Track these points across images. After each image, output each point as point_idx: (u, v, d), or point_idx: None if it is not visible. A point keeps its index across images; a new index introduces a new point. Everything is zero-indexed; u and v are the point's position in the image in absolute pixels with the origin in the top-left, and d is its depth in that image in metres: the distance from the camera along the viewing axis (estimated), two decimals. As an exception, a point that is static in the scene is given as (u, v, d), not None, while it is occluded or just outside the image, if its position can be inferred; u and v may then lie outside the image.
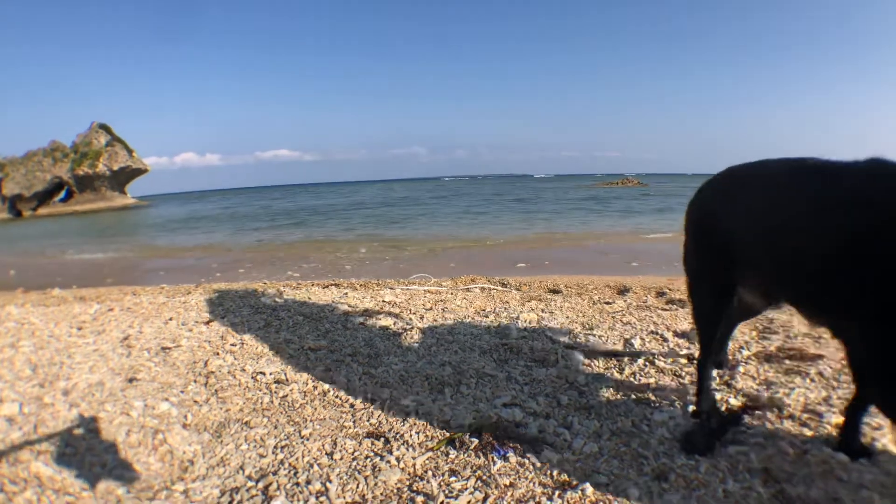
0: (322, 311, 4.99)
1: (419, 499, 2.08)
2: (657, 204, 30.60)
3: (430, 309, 5.22)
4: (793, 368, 3.39)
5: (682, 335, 4.23)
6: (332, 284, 6.80)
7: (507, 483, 2.20)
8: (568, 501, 2.08)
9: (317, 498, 2.09)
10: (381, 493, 2.12)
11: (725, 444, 2.55)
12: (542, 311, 5.21)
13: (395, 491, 2.14)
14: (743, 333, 4.05)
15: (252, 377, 3.39)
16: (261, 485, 2.20)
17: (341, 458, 2.39)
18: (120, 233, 24.01)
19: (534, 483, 2.22)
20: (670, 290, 6.20)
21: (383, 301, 5.52)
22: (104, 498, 2.21)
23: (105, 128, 70.30)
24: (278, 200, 44.72)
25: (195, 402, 3.09)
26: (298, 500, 2.08)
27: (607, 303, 5.72)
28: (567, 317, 4.99)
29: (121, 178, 68.26)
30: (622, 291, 6.54)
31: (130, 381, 3.40)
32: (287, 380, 3.34)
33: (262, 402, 3.06)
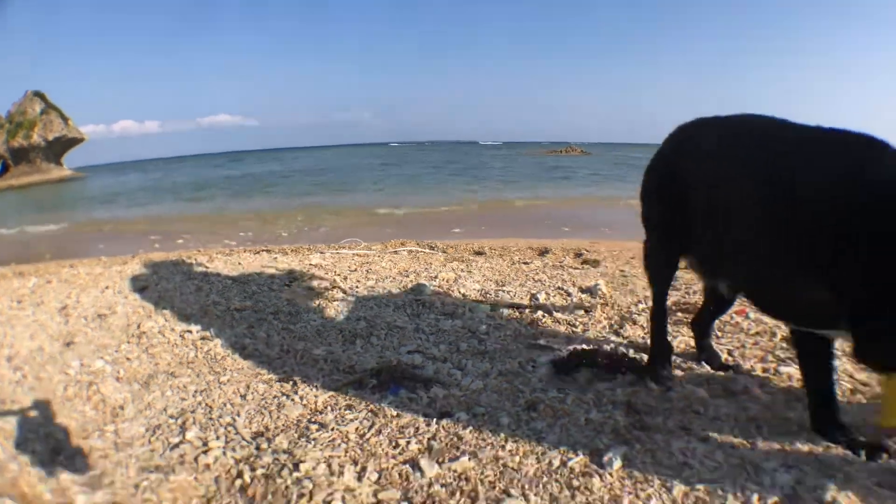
0: (251, 274, 5.20)
1: (313, 427, 2.38)
2: (598, 171, 30.97)
3: (355, 270, 5.47)
4: (682, 320, 3.66)
5: (586, 290, 4.57)
6: (263, 250, 6.98)
7: (395, 413, 2.50)
8: (443, 427, 2.37)
9: (225, 428, 2.38)
10: (283, 424, 2.42)
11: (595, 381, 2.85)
12: (462, 270, 5.52)
13: (295, 422, 2.43)
14: (644, 289, 4.35)
15: (180, 335, 3.63)
16: (179, 421, 2.48)
17: (252, 399, 2.68)
18: (58, 207, 23.32)
19: (418, 413, 2.52)
20: (587, 251, 6.55)
21: (310, 264, 5.75)
22: (46, 441, 2.47)
23: (40, 95, 67.14)
24: (219, 168, 43.46)
25: (127, 359, 3.33)
26: (209, 430, 2.37)
27: (525, 263, 6.06)
28: (483, 275, 5.31)
29: (56, 149, 65.23)
30: (543, 253, 6.88)
31: (68, 345, 3.62)
32: (212, 336, 3.59)
33: (187, 357, 3.32)
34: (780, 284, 2.36)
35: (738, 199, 2.40)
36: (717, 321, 3.52)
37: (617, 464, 2.08)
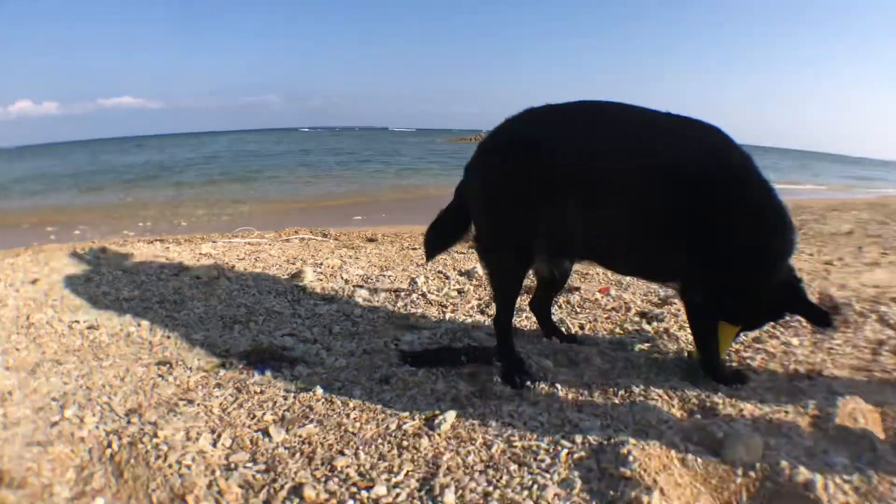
0: (141, 264, 5.29)
1: (182, 403, 2.62)
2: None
3: (243, 259, 5.64)
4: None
5: (465, 273, 4.90)
6: (156, 240, 7.01)
7: (258, 390, 2.76)
8: (300, 400, 2.64)
9: (101, 407, 2.59)
10: (155, 402, 2.64)
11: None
12: (349, 257, 5.78)
13: (166, 400, 2.66)
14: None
15: (68, 326, 3.75)
16: (60, 402, 2.65)
17: (130, 381, 2.88)
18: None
19: (279, 389, 2.78)
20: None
21: (200, 254, 5.87)
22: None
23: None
24: (121, 154, 41.31)
25: (16, 349, 3.43)
26: (87, 409, 2.57)
27: (414, 249, 6.33)
28: (369, 261, 5.59)
29: (-49, 134, 62.10)
30: (434, 239, 7.18)
31: (-41, 339, 3.73)
32: (98, 325, 3.72)
33: (73, 345, 3.45)
34: (641, 251, 2.80)
35: (602, 180, 2.64)
36: (580, 301, 3.93)
37: (445, 426, 2.36)
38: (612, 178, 2.63)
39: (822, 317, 2.66)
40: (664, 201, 2.58)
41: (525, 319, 3.81)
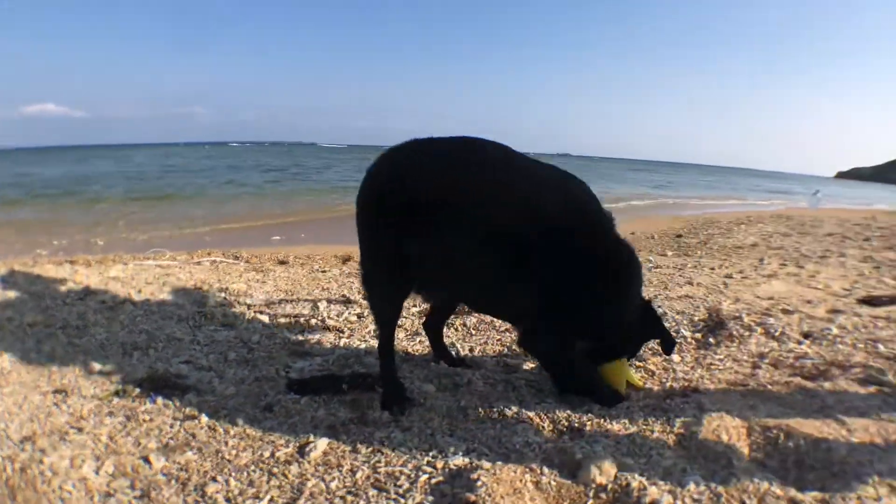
0: (48, 287, 5.33)
1: (72, 431, 2.78)
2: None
3: (151, 283, 5.70)
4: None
5: (368, 297, 5.12)
6: (66, 261, 6.99)
7: (148, 418, 2.92)
8: (185, 428, 2.81)
9: None
10: (48, 430, 2.79)
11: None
12: (256, 281, 5.94)
13: (59, 428, 2.81)
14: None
15: None
16: None
17: (27, 408, 3.01)
18: None
19: (167, 417, 2.95)
20: (388, 256, 7.07)
21: (109, 277, 5.92)
22: None
23: None
24: (41, 166, 39.28)
25: None
26: None
27: (323, 271, 6.50)
28: (276, 285, 5.75)
29: None
30: (346, 260, 7.33)
31: None
32: (0, 352, 3.79)
33: None
34: (489, 290, 3.02)
35: (457, 219, 2.80)
36: (476, 323, 4.17)
37: (316, 453, 2.54)
38: (469, 217, 2.80)
39: (670, 345, 3.03)
40: (516, 245, 2.82)
41: (419, 344, 4.05)
